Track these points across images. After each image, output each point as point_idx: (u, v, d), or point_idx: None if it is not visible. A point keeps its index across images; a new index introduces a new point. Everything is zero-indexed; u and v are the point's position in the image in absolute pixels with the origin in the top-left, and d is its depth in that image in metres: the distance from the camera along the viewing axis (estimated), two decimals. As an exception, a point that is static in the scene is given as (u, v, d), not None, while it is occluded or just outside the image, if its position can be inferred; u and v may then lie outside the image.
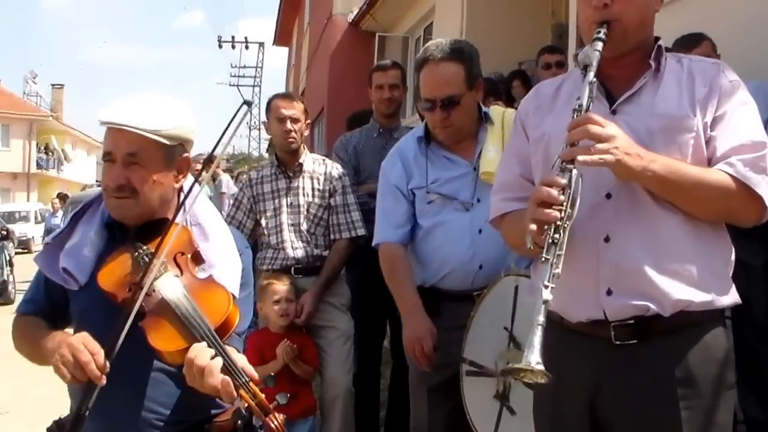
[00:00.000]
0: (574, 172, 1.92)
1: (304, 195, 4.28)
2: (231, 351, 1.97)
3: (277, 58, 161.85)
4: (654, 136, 2.03)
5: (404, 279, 3.20)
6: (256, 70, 41.24)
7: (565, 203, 1.89)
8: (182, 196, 2.22)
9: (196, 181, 2.18)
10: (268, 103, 4.45)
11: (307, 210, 4.27)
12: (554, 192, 1.90)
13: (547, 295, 1.85)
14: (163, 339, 1.95)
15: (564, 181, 1.91)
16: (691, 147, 2.02)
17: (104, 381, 1.89)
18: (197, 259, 2.15)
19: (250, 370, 1.95)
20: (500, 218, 2.36)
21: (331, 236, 4.33)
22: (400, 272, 3.22)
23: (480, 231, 3.13)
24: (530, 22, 9.32)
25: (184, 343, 1.94)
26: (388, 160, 3.39)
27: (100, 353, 1.90)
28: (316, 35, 17.36)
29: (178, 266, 2.09)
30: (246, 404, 1.92)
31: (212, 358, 1.90)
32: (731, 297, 2.07)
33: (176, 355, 1.95)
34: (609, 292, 2.04)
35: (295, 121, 4.31)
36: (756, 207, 1.99)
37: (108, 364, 1.89)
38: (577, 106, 1.98)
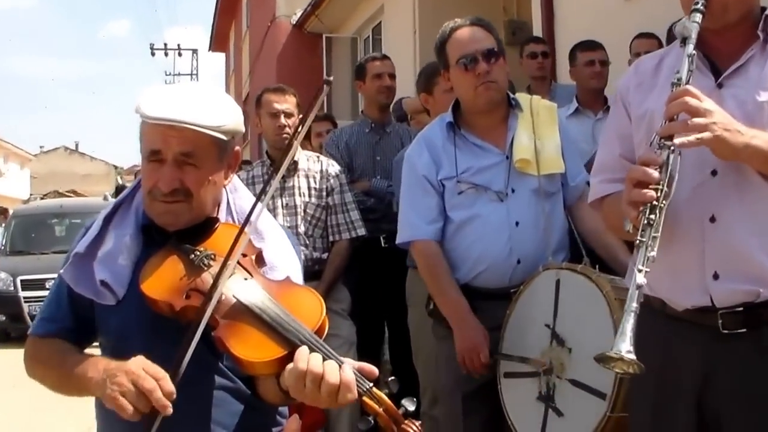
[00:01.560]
0: (672, 149, 1.81)
1: (300, 195, 4.06)
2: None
3: (213, 64, 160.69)
4: (763, 110, 1.91)
5: (447, 281, 2.99)
6: (191, 77, 40.36)
7: (662, 182, 1.79)
8: (225, 193, 2.02)
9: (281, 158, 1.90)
10: (259, 98, 4.22)
11: (304, 211, 4.05)
12: (650, 170, 1.80)
13: (641, 279, 1.74)
14: (251, 348, 1.69)
15: (662, 159, 1.81)
16: None
17: (171, 410, 1.63)
18: (260, 260, 1.91)
19: (370, 369, 1.69)
20: (600, 201, 2.24)
21: (330, 237, 4.13)
22: (441, 274, 3.00)
23: (517, 224, 2.96)
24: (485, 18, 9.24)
25: (280, 351, 1.68)
26: (414, 150, 3.16)
27: (166, 378, 1.65)
28: (257, 39, 17.07)
29: (245, 269, 1.85)
30: (372, 414, 1.65)
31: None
32: None
33: (270, 365, 1.69)
34: (716, 276, 1.92)
35: (288, 115, 4.10)
36: None
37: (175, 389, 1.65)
38: (675, 80, 1.87)
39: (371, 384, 1.66)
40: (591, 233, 3.07)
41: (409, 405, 1.66)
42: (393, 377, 1.72)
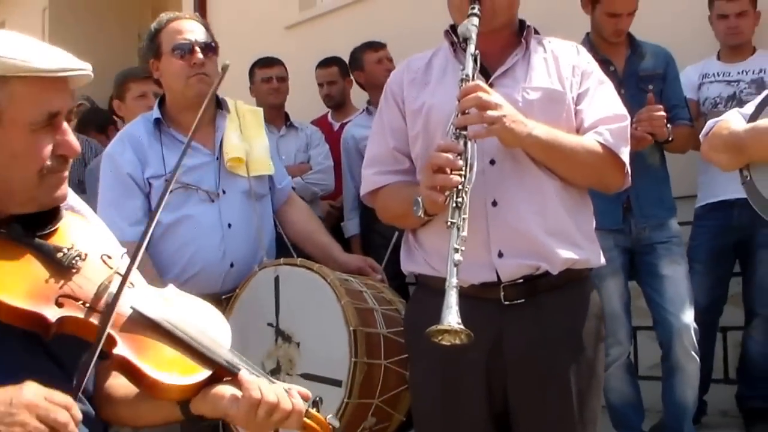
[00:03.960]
0: (469, 138, 2.00)
1: None
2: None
3: None
4: (532, 107, 2.15)
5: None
6: None
7: (463, 168, 1.96)
8: None
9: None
10: None
11: None
12: (453, 157, 1.96)
13: (458, 257, 1.89)
14: (168, 369, 1.45)
15: (461, 146, 1.98)
16: (564, 117, 2.19)
17: None
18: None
19: (305, 391, 1.59)
20: (373, 193, 2.34)
21: None
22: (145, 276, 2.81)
23: (230, 225, 2.90)
24: (117, 45, 8.95)
25: (203, 371, 1.49)
26: (116, 147, 2.96)
27: (74, 405, 1.35)
28: None
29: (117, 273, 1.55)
30: None
31: None
32: (601, 258, 2.26)
33: (191, 389, 1.48)
34: (500, 255, 2.11)
35: None
36: (620, 172, 2.21)
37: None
38: (464, 76, 2.07)
39: (309, 404, 1.58)
40: (303, 234, 3.13)
41: (335, 422, 1.62)
42: (318, 396, 1.64)
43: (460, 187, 1.93)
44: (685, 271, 3.65)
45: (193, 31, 2.94)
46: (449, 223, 1.91)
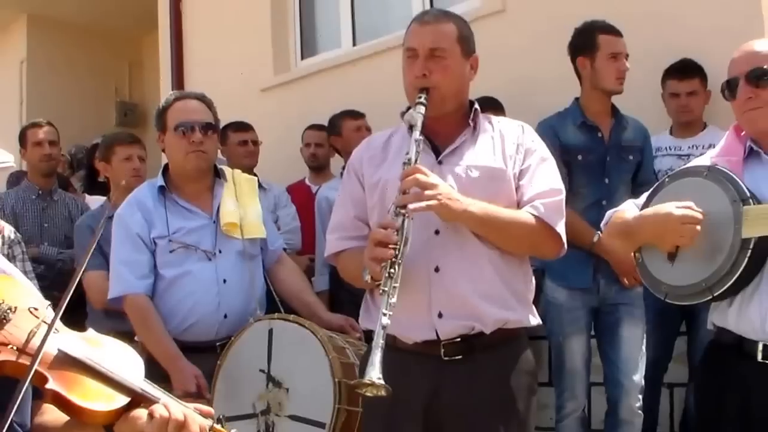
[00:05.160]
0: (406, 216, 2.24)
1: None
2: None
3: None
4: (475, 183, 2.40)
5: (160, 331, 3.13)
6: None
7: (399, 243, 2.20)
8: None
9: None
10: None
11: None
12: (389, 233, 2.21)
13: (385, 321, 2.13)
14: (94, 398, 1.69)
15: (398, 223, 2.23)
16: (505, 192, 2.42)
17: None
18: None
19: (208, 410, 1.81)
20: (336, 255, 2.59)
21: None
22: (154, 325, 3.14)
23: (224, 281, 3.21)
24: (94, 98, 9.18)
25: (123, 398, 1.73)
26: (125, 210, 3.29)
27: None
28: None
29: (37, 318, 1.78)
30: None
31: None
32: (536, 319, 2.49)
33: (115, 414, 1.72)
34: (440, 315, 2.35)
35: None
36: (555, 242, 2.44)
37: None
38: (406, 160, 2.31)
39: (213, 420, 1.80)
40: (290, 293, 3.44)
41: None
42: (222, 414, 1.87)
43: (393, 259, 2.17)
44: (643, 332, 3.86)
45: (196, 111, 3.28)
46: (381, 291, 2.15)
